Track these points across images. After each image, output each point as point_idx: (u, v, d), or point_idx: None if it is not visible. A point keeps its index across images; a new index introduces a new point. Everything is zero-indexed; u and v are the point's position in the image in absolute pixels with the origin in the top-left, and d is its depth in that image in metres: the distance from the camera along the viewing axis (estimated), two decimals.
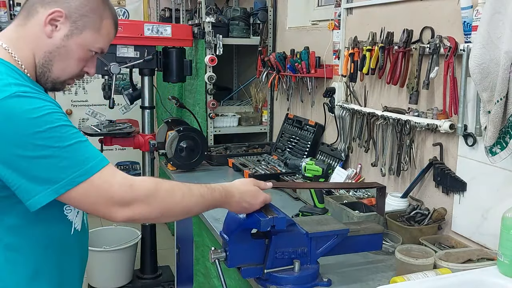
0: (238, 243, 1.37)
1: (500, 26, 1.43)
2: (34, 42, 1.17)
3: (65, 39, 1.18)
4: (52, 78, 1.21)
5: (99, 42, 1.23)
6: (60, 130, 1.05)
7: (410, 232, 1.72)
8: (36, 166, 1.03)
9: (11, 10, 4.39)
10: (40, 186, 1.03)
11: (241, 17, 3.39)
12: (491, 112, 1.47)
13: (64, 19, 1.17)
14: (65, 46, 1.18)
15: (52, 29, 1.17)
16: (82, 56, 1.21)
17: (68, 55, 1.19)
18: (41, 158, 1.02)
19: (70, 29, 1.18)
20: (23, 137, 1.02)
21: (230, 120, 3.40)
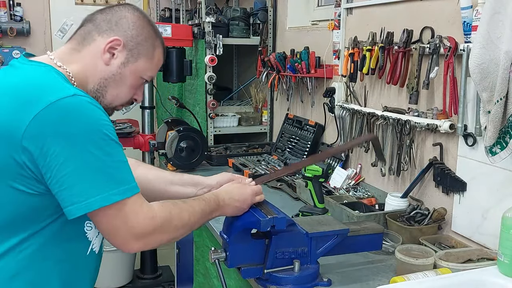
0: (238, 243, 1.37)
1: (500, 26, 1.43)
2: (90, 68, 1.20)
3: (122, 66, 1.21)
4: (104, 104, 1.21)
5: (150, 70, 1.26)
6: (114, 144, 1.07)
7: (410, 232, 1.72)
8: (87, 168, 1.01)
9: (11, 10, 4.39)
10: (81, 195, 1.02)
11: (241, 17, 3.39)
12: (491, 112, 1.47)
13: (121, 47, 1.20)
14: (121, 74, 1.21)
15: (110, 57, 1.20)
16: (134, 83, 1.25)
17: (122, 82, 1.22)
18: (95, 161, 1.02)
19: (126, 57, 1.21)
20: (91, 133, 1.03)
21: (230, 120, 3.40)
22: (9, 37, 4.35)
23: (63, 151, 1.00)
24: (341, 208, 1.89)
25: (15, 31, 4.35)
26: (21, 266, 1.10)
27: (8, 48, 4.34)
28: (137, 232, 1.08)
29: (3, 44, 4.37)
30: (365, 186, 2.28)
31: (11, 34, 4.34)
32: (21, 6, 4.41)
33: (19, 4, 4.40)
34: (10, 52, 4.33)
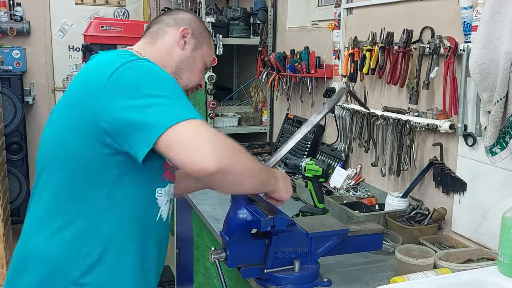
0: (238, 243, 1.37)
1: (500, 26, 1.43)
2: (166, 55, 1.38)
3: (193, 51, 1.41)
4: (182, 85, 1.35)
5: (211, 56, 1.48)
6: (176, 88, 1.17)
7: (410, 232, 1.72)
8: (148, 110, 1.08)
9: (11, 10, 4.40)
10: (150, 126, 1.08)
11: (241, 17, 3.39)
12: (491, 112, 1.47)
13: (190, 35, 1.41)
14: (193, 57, 1.41)
15: (184, 43, 1.40)
16: (201, 68, 1.45)
17: (194, 65, 1.42)
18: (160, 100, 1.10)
19: (195, 42, 1.42)
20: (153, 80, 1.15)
21: (230, 120, 3.40)
22: (9, 37, 4.35)
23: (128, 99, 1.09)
24: (341, 208, 1.89)
25: (15, 31, 4.36)
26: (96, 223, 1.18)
27: (8, 48, 4.34)
28: (208, 151, 1.06)
29: (3, 44, 4.37)
30: (365, 186, 2.28)
31: (11, 34, 4.35)
32: (21, 6, 4.42)
33: (19, 4, 4.41)
34: (10, 52, 4.34)
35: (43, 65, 4.58)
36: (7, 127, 4.06)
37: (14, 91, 4.09)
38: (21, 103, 4.13)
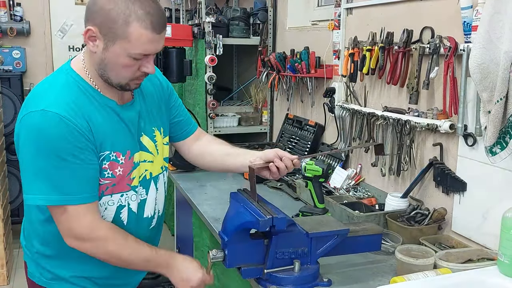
0: (236, 243, 1.37)
1: (500, 26, 1.43)
2: (90, 56, 1.33)
3: (104, 52, 1.28)
4: (115, 83, 1.34)
5: (133, 48, 1.26)
6: (61, 161, 1.25)
7: (410, 232, 1.72)
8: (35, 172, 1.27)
9: (11, 10, 4.40)
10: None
11: (241, 17, 3.39)
12: (491, 112, 1.47)
13: (98, 35, 1.26)
14: (106, 58, 1.28)
15: (93, 45, 1.28)
16: (127, 62, 1.28)
17: (113, 64, 1.29)
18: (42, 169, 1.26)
19: (104, 42, 1.26)
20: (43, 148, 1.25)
21: (230, 120, 3.40)
22: (9, 37, 4.35)
23: (21, 154, 1.28)
24: (341, 208, 1.89)
25: (15, 31, 4.36)
26: None
27: (8, 48, 4.34)
28: (74, 234, 1.31)
29: (3, 44, 4.37)
30: (365, 186, 2.28)
31: (11, 34, 4.34)
32: (21, 6, 4.41)
33: (19, 4, 4.41)
34: (10, 52, 4.34)
35: (43, 65, 4.58)
36: (7, 127, 4.06)
37: (14, 91, 4.08)
38: (21, 103, 4.12)
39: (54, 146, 1.24)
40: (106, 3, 1.23)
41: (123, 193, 1.40)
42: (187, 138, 1.68)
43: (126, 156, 1.39)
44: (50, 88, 1.32)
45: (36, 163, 1.25)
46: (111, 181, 1.37)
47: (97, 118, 1.32)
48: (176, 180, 2.58)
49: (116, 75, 1.31)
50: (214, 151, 1.66)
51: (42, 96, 1.29)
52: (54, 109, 1.24)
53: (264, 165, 1.51)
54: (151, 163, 1.48)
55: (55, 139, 1.24)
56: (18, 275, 3.51)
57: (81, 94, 1.31)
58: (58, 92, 1.29)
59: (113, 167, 1.36)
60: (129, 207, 1.43)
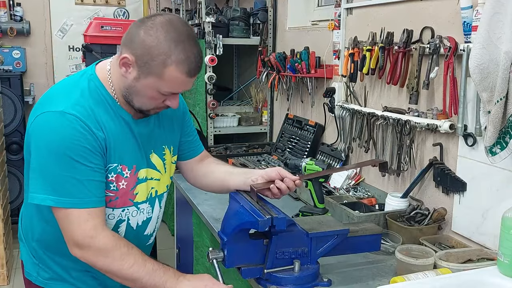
0: (235, 243, 1.37)
1: (500, 26, 1.43)
2: (118, 76, 1.33)
3: (135, 81, 1.29)
4: (136, 107, 1.35)
5: (164, 87, 1.28)
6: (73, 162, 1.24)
7: (410, 232, 1.72)
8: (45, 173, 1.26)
9: (11, 10, 4.40)
10: None
11: (241, 17, 3.39)
12: (491, 112, 1.47)
13: (133, 64, 1.27)
14: (135, 86, 1.30)
15: (125, 71, 1.29)
16: (154, 95, 1.30)
17: (141, 94, 1.31)
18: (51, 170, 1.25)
19: (138, 73, 1.27)
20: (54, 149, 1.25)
21: (230, 120, 3.40)
22: (9, 37, 4.35)
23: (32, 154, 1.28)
24: (341, 208, 1.89)
25: (15, 31, 4.36)
26: None
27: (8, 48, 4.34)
28: (75, 240, 1.27)
29: (3, 44, 4.37)
30: (365, 186, 2.28)
31: (11, 34, 4.34)
32: (21, 6, 4.41)
33: (19, 4, 4.41)
34: (10, 52, 4.34)
35: (43, 65, 4.58)
36: (7, 127, 4.06)
37: (14, 91, 4.08)
38: (21, 103, 4.13)
39: (67, 147, 1.23)
40: (149, 39, 1.23)
41: (125, 208, 1.40)
42: (193, 158, 1.66)
43: (132, 171, 1.38)
44: (72, 92, 1.31)
45: (46, 163, 1.24)
46: (115, 194, 1.36)
47: (111, 127, 1.32)
48: (176, 180, 2.58)
49: (140, 102, 1.33)
50: (216, 170, 1.64)
51: (63, 98, 1.29)
52: (72, 111, 1.25)
53: (265, 186, 1.50)
54: (157, 181, 1.47)
55: (69, 140, 1.23)
56: (18, 275, 3.52)
57: (99, 102, 1.32)
58: (79, 97, 1.29)
59: (118, 180, 1.35)
60: (128, 221, 1.42)
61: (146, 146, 1.43)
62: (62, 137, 1.23)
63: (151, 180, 1.45)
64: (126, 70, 1.28)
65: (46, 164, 1.25)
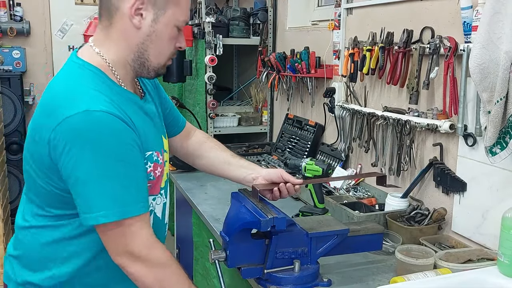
0: (238, 243, 1.37)
1: (500, 26, 1.43)
2: (123, 39, 1.20)
3: (153, 24, 1.18)
4: (152, 66, 1.24)
5: (182, 15, 1.22)
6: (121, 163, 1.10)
7: (410, 232, 1.72)
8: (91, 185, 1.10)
9: (11, 10, 4.40)
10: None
11: (241, 17, 3.39)
12: (491, 112, 1.47)
13: (146, 5, 1.16)
14: (155, 31, 1.19)
15: (139, 19, 1.17)
16: (172, 34, 1.22)
17: (160, 39, 1.20)
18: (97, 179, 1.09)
19: (154, 12, 1.18)
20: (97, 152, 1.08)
21: (230, 120, 3.40)
22: (9, 37, 4.35)
23: (72, 165, 1.08)
24: (341, 208, 1.89)
25: (15, 31, 4.36)
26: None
27: (8, 48, 4.34)
28: (129, 250, 1.13)
29: (3, 44, 4.37)
30: (365, 186, 2.28)
31: (11, 34, 4.35)
32: (21, 6, 4.42)
33: (19, 4, 4.41)
34: (10, 52, 4.34)
35: (43, 65, 4.58)
36: (7, 127, 4.06)
37: (14, 91, 4.09)
38: (21, 103, 4.14)
39: (110, 148, 1.08)
40: None
41: (155, 196, 1.30)
42: (180, 134, 1.58)
43: (162, 155, 1.29)
44: (81, 85, 1.14)
45: (93, 174, 1.07)
46: (151, 184, 1.25)
47: (131, 114, 1.18)
48: (176, 180, 2.58)
49: (159, 53, 1.22)
50: (212, 156, 1.58)
51: (76, 96, 1.11)
52: (98, 107, 1.08)
53: (267, 187, 1.49)
54: (166, 162, 1.38)
55: (110, 140, 1.08)
56: None
57: (108, 90, 1.16)
58: (93, 88, 1.13)
59: (155, 168, 1.25)
60: (155, 211, 1.32)
61: (159, 126, 1.35)
62: (102, 140, 1.07)
63: (167, 162, 1.37)
64: (140, 18, 1.17)
65: (94, 175, 1.07)
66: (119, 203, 1.10)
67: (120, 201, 1.10)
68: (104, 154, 1.08)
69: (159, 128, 1.36)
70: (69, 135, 1.07)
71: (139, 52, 1.21)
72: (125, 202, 1.11)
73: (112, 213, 1.09)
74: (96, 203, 1.09)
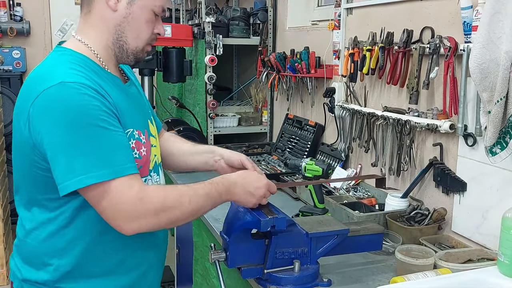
0: (238, 243, 1.37)
1: (500, 26, 1.43)
2: (101, 22, 1.25)
3: (129, 6, 1.23)
4: (131, 50, 1.28)
5: (157, 0, 1.26)
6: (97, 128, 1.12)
7: (410, 232, 1.72)
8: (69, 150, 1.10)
9: (11, 10, 4.40)
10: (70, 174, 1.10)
11: (241, 17, 3.39)
12: (491, 112, 1.47)
13: None
14: (131, 13, 1.24)
15: (115, 2, 1.22)
16: (148, 17, 1.26)
17: (136, 21, 1.25)
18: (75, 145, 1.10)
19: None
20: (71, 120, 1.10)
21: (230, 120, 3.40)
22: (9, 37, 4.36)
23: (49, 135, 1.11)
24: (341, 208, 1.89)
25: (15, 31, 4.36)
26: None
27: (8, 48, 4.35)
28: (125, 214, 1.12)
29: (3, 44, 4.37)
30: (365, 186, 2.28)
31: (11, 34, 4.35)
32: (21, 6, 4.42)
33: (19, 4, 4.41)
34: (10, 52, 4.34)
35: None
36: (7, 127, 4.06)
37: (14, 91, 4.09)
38: None
39: (86, 115, 1.10)
40: None
41: (146, 177, 1.30)
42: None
43: (146, 136, 1.30)
44: (58, 65, 1.18)
45: (71, 140, 1.09)
46: (139, 163, 1.24)
47: (111, 92, 1.21)
48: (176, 180, 2.58)
49: (137, 35, 1.26)
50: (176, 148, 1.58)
51: (52, 73, 1.15)
52: (73, 79, 1.12)
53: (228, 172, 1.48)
54: (155, 147, 1.40)
55: (85, 107, 1.11)
56: None
57: (90, 71, 1.20)
58: (69, 67, 1.17)
59: (138, 147, 1.26)
60: None
61: (143, 109, 1.37)
62: (77, 107, 1.10)
63: (154, 147, 1.38)
64: (115, 1, 1.22)
65: (72, 140, 1.09)
66: (104, 165, 1.11)
67: (104, 162, 1.11)
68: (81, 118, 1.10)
69: (144, 111, 1.38)
70: (45, 105, 1.11)
71: (117, 34, 1.25)
72: (110, 163, 1.11)
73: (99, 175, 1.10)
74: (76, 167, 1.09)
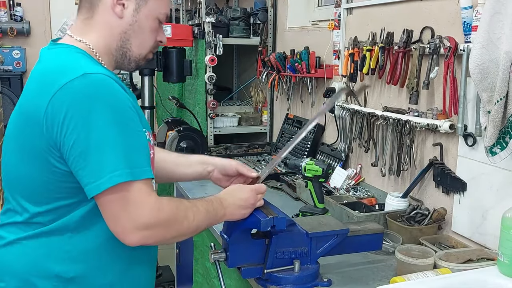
0: (238, 243, 1.37)
1: (500, 26, 1.43)
2: (106, 29, 1.23)
3: (135, 13, 1.23)
4: (134, 57, 1.27)
5: (162, 7, 1.27)
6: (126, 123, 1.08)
7: (410, 232, 1.72)
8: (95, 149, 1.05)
9: (11, 10, 4.40)
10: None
11: (241, 17, 3.39)
12: (491, 112, 1.47)
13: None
14: (137, 21, 1.23)
15: (121, 9, 1.21)
16: (153, 26, 1.26)
17: (142, 29, 1.25)
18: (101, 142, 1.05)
19: (136, 2, 1.22)
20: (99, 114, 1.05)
21: (230, 120, 3.40)
22: (9, 37, 4.36)
23: (74, 131, 1.05)
24: (341, 208, 1.89)
25: (15, 31, 4.36)
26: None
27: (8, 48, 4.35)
28: (139, 223, 1.07)
29: (3, 44, 4.38)
30: (365, 186, 2.28)
31: (11, 34, 4.35)
32: (21, 6, 4.42)
33: (19, 4, 4.41)
34: (10, 52, 4.34)
35: None
36: None
37: (14, 91, 4.09)
38: None
39: (114, 109, 1.06)
40: None
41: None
42: None
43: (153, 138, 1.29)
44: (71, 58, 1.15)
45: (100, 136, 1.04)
46: None
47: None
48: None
49: (141, 43, 1.26)
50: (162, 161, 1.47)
51: (69, 65, 1.11)
52: (95, 70, 1.09)
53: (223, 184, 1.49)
54: None
55: (112, 100, 1.07)
56: None
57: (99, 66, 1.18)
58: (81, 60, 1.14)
59: (150, 148, 1.21)
60: None
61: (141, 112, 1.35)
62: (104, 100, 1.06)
63: None
64: (122, 7, 1.21)
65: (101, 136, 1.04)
66: (127, 164, 1.05)
67: (128, 161, 1.06)
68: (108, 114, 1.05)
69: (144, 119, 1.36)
70: (72, 98, 1.05)
71: (122, 41, 1.24)
72: (134, 163, 1.07)
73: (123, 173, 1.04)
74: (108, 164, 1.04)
